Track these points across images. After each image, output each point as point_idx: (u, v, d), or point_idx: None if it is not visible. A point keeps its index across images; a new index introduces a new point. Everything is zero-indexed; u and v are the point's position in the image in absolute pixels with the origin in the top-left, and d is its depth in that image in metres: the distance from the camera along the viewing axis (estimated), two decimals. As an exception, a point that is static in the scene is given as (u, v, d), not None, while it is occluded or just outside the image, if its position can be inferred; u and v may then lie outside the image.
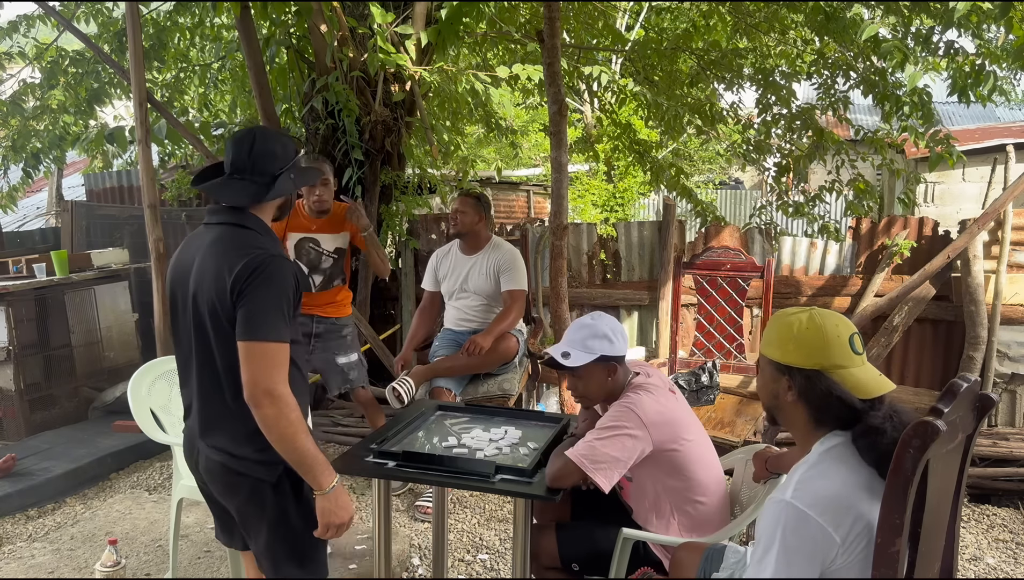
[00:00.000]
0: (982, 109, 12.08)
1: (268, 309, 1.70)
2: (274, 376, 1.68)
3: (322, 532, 1.78)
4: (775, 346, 1.51)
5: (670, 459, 2.09)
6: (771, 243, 4.98)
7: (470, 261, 3.66)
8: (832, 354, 1.44)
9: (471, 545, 3.28)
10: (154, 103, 4.62)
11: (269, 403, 1.67)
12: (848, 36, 4.88)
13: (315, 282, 3.42)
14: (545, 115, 4.99)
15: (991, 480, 3.69)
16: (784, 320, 1.51)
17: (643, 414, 2.04)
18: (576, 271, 5.21)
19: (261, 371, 1.67)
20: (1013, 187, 4.36)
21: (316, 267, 3.41)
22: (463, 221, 3.64)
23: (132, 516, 3.53)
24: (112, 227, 6.23)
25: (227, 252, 1.75)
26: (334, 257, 3.43)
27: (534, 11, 6.13)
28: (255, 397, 1.68)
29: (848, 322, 1.49)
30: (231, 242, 1.77)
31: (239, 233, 1.80)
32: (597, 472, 1.97)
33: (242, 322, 1.69)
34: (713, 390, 3.73)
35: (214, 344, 1.76)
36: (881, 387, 1.43)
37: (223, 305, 1.71)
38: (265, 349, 1.68)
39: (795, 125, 5.94)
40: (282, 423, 1.68)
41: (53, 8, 5.22)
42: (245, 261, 1.71)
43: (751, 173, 16.09)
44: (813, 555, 1.32)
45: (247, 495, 1.81)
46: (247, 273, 1.70)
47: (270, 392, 1.67)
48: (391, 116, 4.74)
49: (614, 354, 2.16)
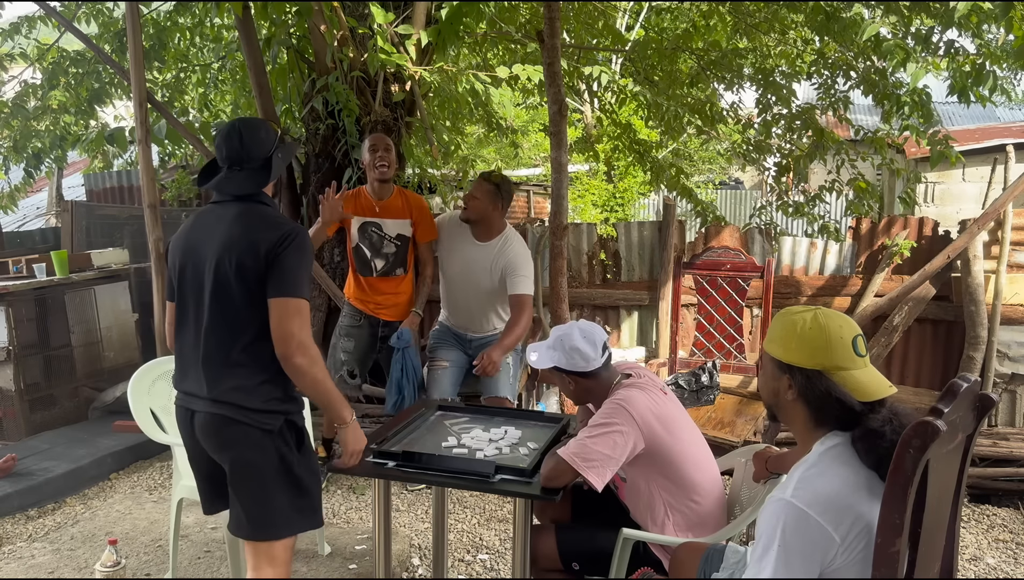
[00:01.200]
0: (982, 109, 12.07)
1: (299, 272, 1.92)
2: (305, 329, 1.90)
3: (347, 459, 2.04)
4: (778, 344, 1.50)
5: (662, 458, 2.09)
6: (771, 243, 4.98)
7: (476, 248, 3.46)
8: (834, 355, 1.44)
9: (471, 545, 3.28)
10: (154, 103, 4.62)
11: (302, 354, 1.88)
12: (848, 36, 4.88)
13: (376, 266, 3.44)
14: (545, 115, 4.99)
15: (991, 480, 3.69)
16: (788, 318, 1.50)
17: (633, 410, 2.04)
18: (576, 271, 5.21)
19: (294, 325, 1.88)
20: (1013, 187, 4.36)
21: (378, 251, 3.45)
22: (473, 207, 3.41)
23: (132, 516, 3.53)
24: (112, 227, 6.24)
25: (258, 224, 1.95)
26: (396, 243, 3.44)
27: (534, 11, 6.13)
28: (290, 349, 1.87)
29: (853, 323, 1.49)
30: (259, 216, 1.98)
31: (262, 209, 2.01)
32: (589, 470, 1.97)
33: (277, 282, 1.89)
34: (713, 390, 3.73)
35: (238, 303, 1.92)
36: (881, 390, 1.43)
37: (256, 268, 1.90)
38: (299, 305, 1.90)
39: (795, 125, 5.95)
40: (315, 369, 1.90)
41: (54, 9, 5.22)
42: (280, 232, 1.92)
43: (751, 173, 16.10)
44: (812, 554, 1.32)
45: (251, 444, 1.93)
46: (280, 241, 1.90)
47: (302, 343, 1.88)
48: (391, 116, 4.74)
49: (569, 369, 2.19)
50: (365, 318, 3.58)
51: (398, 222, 3.48)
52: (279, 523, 1.96)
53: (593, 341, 2.19)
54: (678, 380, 3.82)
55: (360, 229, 3.45)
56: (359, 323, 3.58)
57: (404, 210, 3.51)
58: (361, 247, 3.46)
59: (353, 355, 3.59)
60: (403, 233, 3.47)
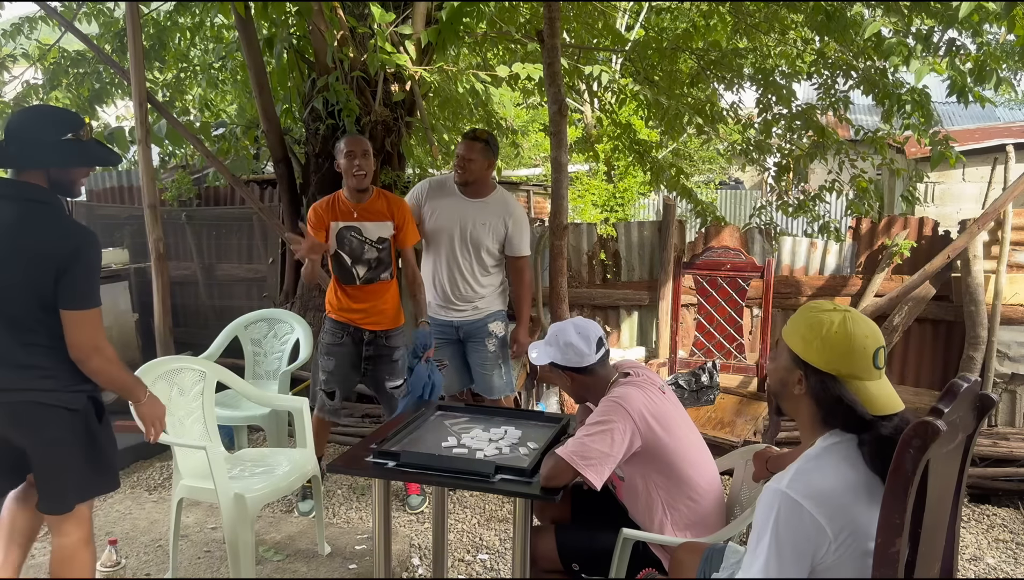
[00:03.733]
0: (982, 109, 12.07)
1: (91, 281, 2.06)
2: (99, 334, 2.08)
3: (148, 431, 2.27)
4: (799, 338, 1.47)
5: (659, 456, 2.10)
6: (771, 243, 4.98)
7: (474, 205, 3.32)
8: (853, 364, 1.42)
9: (471, 545, 3.28)
10: (154, 103, 4.62)
11: (98, 357, 2.08)
12: (848, 36, 4.88)
13: (359, 274, 3.24)
14: (545, 115, 4.99)
15: (991, 480, 3.69)
16: (816, 316, 1.46)
17: (629, 407, 2.05)
18: (576, 271, 5.21)
19: (90, 334, 2.06)
20: (1013, 187, 4.36)
21: (359, 258, 3.23)
22: (471, 169, 3.29)
23: (132, 516, 3.53)
24: (112, 227, 6.23)
25: (42, 229, 2.03)
26: (378, 247, 3.24)
27: (534, 11, 6.13)
28: (86, 354, 2.06)
29: (878, 334, 1.45)
30: (43, 219, 2.05)
31: (45, 210, 2.06)
32: (588, 468, 1.97)
33: (69, 295, 2.02)
34: (713, 390, 3.74)
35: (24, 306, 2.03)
36: (892, 406, 1.41)
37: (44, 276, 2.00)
38: (93, 315, 2.07)
39: (795, 125, 5.95)
40: (110, 369, 2.12)
41: (54, 9, 5.22)
42: (66, 240, 2.03)
43: (751, 173, 16.08)
44: (804, 546, 1.32)
45: (58, 424, 2.10)
46: (69, 251, 2.01)
47: (98, 348, 2.07)
48: (391, 116, 4.74)
49: (565, 365, 2.22)
50: (347, 335, 3.32)
51: (378, 225, 3.26)
52: (89, 488, 2.21)
53: (587, 336, 2.20)
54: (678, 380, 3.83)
55: (338, 235, 3.22)
56: (340, 341, 3.32)
57: (385, 212, 3.28)
58: (341, 254, 3.24)
59: (334, 375, 3.34)
60: (384, 236, 3.26)
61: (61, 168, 2.10)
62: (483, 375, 3.51)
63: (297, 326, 3.91)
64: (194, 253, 6.11)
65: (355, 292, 3.29)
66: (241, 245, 6.04)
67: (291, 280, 5.16)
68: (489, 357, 3.48)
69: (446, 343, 3.53)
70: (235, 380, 3.06)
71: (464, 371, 3.59)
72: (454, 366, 3.56)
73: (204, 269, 6.11)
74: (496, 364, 3.50)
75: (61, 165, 2.10)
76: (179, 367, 2.90)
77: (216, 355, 3.80)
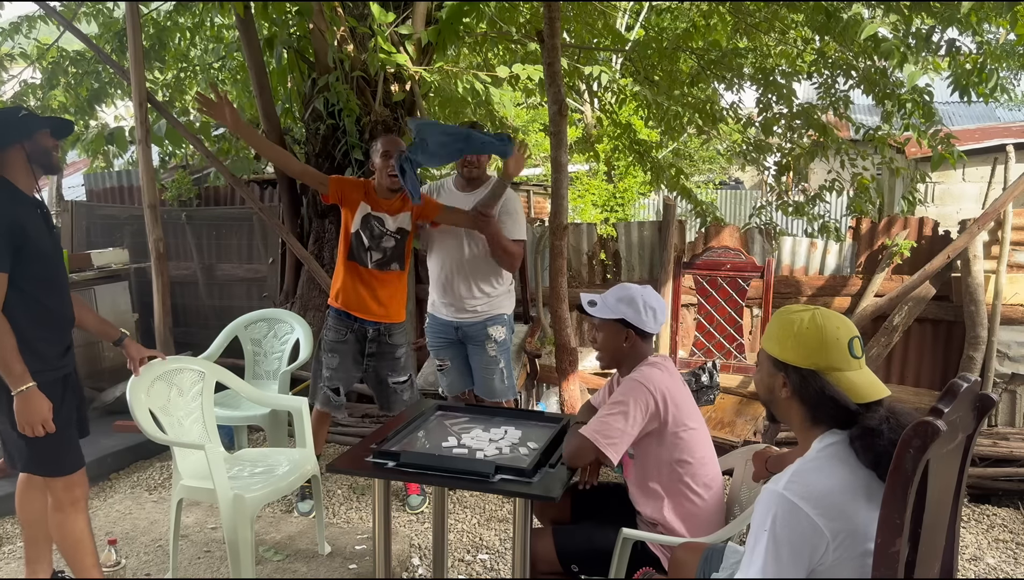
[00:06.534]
0: (982, 109, 12.09)
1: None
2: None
3: (21, 429, 2.25)
4: (775, 342, 1.52)
5: (672, 440, 2.15)
6: (771, 243, 4.98)
7: (471, 198, 3.39)
8: (829, 356, 1.45)
9: (471, 545, 3.28)
10: (154, 103, 4.62)
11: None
12: (848, 36, 4.88)
13: (371, 258, 3.32)
14: (545, 115, 4.99)
15: (991, 480, 3.69)
16: (786, 317, 1.52)
17: (653, 387, 2.12)
18: (576, 271, 5.21)
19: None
20: (1013, 187, 4.36)
21: (378, 244, 3.33)
22: (481, 162, 3.46)
23: (132, 516, 3.53)
24: (112, 227, 6.24)
25: None
26: (396, 237, 3.35)
27: (534, 11, 6.13)
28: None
29: (850, 325, 1.50)
30: None
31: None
32: (609, 447, 2.06)
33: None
34: (713, 390, 3.74)
35: None
36: (875, 393, 1.43)
37: None
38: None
39: (795, 124, 5.95)
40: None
41: (54, 9, 5.22)
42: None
43: (751, 173, 16.09)
44: (802, 547, 1.32)
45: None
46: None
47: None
48: (391, 116, 4.74)
49: (635, 324, 2.23)
50: (351, 332, 3.36)
51: (398, 217, 3.37)
52: (28, 465, 2.38)
53: (662, 308, 2.27)
54: (678, 380, 3.82)
55: (363, 219, 3.34)
56: (344, 338, 3.37)
57: (402, 203, 3.37)
58: (361, 234, 3.33)
59: (338, 373, 3.39)
60: (403, 227, 3.38)
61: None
62: (483, 378, 3.51)
63: (297, 326, 3.91)
64: (194, 253, 6.11)
65: (366, 275, 3.34)
66: (241, 245, 6.04)
67: (291, 280, 5.16)
68: (489, 360, 3.49)
69: (448, 344, 3.54)
70: (234, 380, 3.06)
71: (467, 372, 3.59)
72: (457, 367, 3.56)
73: (204, 269, 6.11)
74: (496, 368, 3.50)
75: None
76: (178, 367, 2.90)
77: (216, 355, 3.80)
